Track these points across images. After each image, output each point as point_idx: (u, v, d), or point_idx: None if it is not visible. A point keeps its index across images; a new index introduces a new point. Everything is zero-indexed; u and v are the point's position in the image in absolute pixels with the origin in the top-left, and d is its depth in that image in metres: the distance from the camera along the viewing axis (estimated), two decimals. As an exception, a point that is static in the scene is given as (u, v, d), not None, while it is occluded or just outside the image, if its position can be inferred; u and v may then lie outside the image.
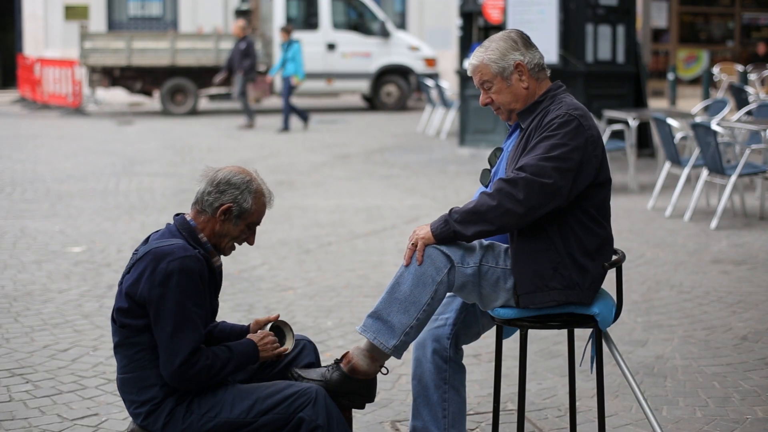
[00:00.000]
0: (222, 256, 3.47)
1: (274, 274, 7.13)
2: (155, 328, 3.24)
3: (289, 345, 3.54)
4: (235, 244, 3.45)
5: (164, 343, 3.22)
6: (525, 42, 3.54)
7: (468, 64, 3.63)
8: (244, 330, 3.61)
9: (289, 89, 17.82)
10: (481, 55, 3.53)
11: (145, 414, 3.30)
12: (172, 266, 3.21)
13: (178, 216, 3.42)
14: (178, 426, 3.28)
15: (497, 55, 3.50)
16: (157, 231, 3.44)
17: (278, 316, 3.59)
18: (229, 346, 3.37)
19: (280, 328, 3.58)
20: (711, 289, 6.60)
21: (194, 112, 21.49)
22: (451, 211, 3.37)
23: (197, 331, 3.25)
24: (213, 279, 3.40)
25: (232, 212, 3.36)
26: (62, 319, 5.93)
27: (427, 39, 27.02)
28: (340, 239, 8.33)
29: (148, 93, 22.40)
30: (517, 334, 3.54)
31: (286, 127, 17.68)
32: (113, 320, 3.34)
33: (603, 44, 13.18)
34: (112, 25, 27.54)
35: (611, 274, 3.56)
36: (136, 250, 3.36)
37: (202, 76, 21.68)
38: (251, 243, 3.46)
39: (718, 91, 19.34)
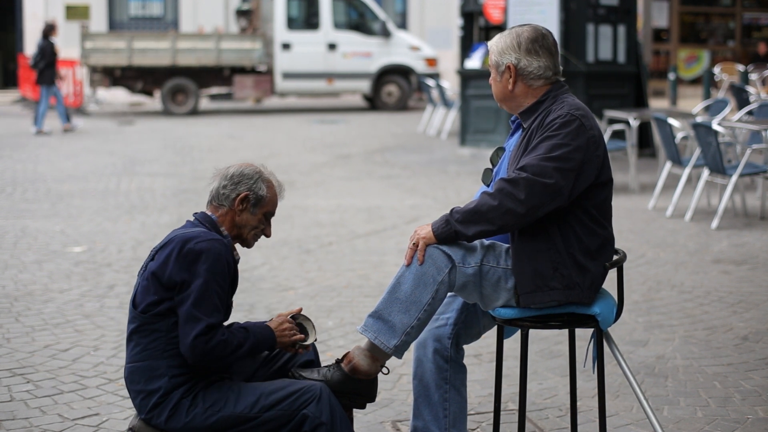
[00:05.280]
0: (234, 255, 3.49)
1: (274, 274, 7.12)
2: (179, 306, 3.26)
3: (311, 339, 3.55)
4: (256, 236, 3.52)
5: (183, 318, 3.24)
6: (530, 46, 3.46)
7: None
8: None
9: None
10: (496, 40, 3.55)
11: (151, 406, 3.31)
12: (200, 246, 3.27)
13: (198, 213, 3.49)
14: (181, 419, 3.29)
15: (499, 49, 3.51)
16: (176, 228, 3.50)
17: (300, 310, 3.60)
18: (246, 326, 3.39)
19: (301, 324, 3.58)
20: (712, 289, 6.59)
21: (195, 112, 21.51)
22: (452, 210, 3.37)
23: (217, 309, 3.28)
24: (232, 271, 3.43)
25: (250, 200, 3.45)
26: (63, 318, 5.93)
27: (427, 39, 27.03)
28: (340, 239, 8.33)
29: (149, 93, 22.41)
30: (518, 334, 3.54)
31: None
32: (133, 305, 3.36)
33: (604, 44, 13.18)
34: (113, 25, 27.56)
35: (612, 274, 3.56)
36: (155, 247, 3.41)
37: (202, 76, 21.69)
38: (268, 235, 3.53)
39: (718, 91, 19.35)
